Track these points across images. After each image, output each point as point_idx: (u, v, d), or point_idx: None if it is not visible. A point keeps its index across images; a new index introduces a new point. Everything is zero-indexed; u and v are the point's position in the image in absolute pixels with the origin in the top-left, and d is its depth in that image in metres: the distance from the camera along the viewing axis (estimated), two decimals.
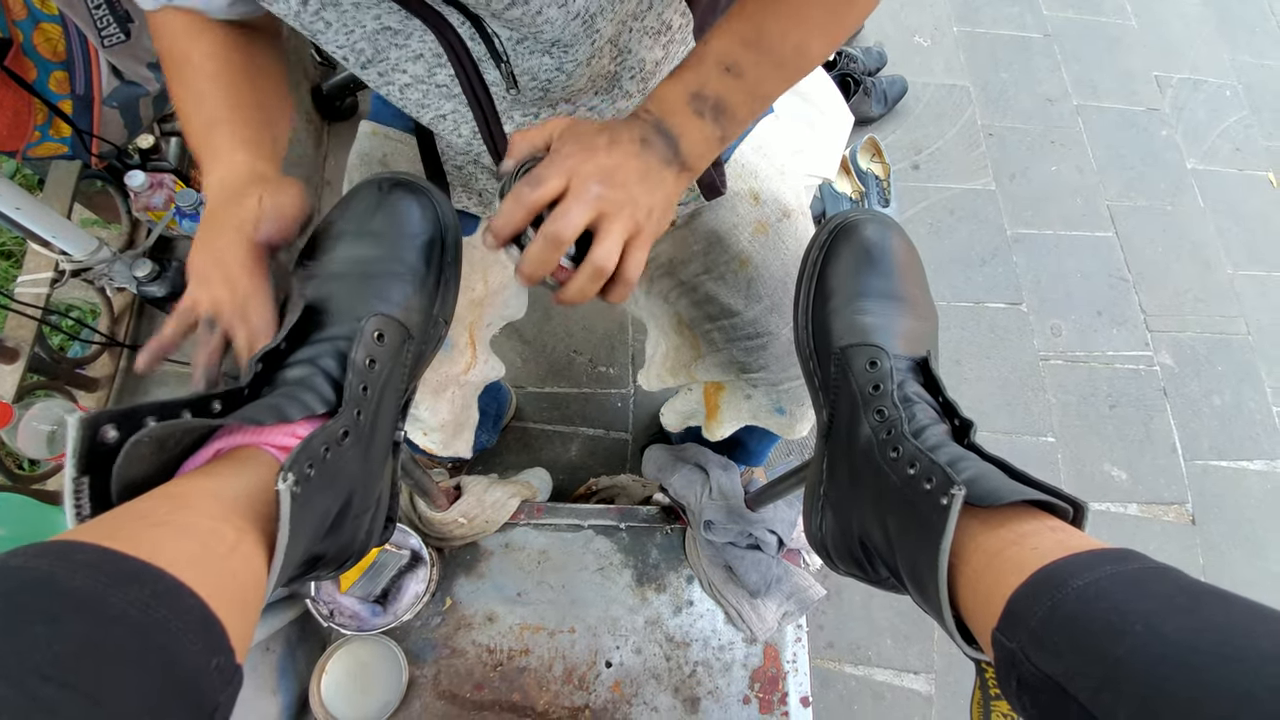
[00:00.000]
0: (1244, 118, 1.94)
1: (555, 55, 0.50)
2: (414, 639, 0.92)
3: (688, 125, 0.47)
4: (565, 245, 0.43)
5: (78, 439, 0.31)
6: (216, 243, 0.47)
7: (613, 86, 0.57)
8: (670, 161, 0.46)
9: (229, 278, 0.46)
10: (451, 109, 0.54)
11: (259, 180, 0.49)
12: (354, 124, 1.63)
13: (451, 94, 0.53)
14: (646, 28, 0.54)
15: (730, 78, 0.47)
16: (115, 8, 0.92)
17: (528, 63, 0.50)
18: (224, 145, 0.50)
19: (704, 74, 0.47)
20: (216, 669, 0.27)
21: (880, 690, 1.26)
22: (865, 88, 1.71)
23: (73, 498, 0.32)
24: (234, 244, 0.46)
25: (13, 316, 0.99)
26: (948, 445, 0.45)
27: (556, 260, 0.44)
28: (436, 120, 0.56)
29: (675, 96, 0.47)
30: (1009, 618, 0.33)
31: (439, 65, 0.51)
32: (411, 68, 0.51)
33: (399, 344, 0.45)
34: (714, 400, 0.79)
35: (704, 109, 0.47)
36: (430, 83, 0.52)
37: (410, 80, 0.52)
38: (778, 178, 0.72)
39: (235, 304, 0.46)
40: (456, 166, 0.65)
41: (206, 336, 0.47)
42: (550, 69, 0.51)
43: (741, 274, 0.69)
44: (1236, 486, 1.51)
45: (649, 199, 0.46)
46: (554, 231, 0.43)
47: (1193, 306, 1.68)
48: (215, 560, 0.30)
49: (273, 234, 0.47)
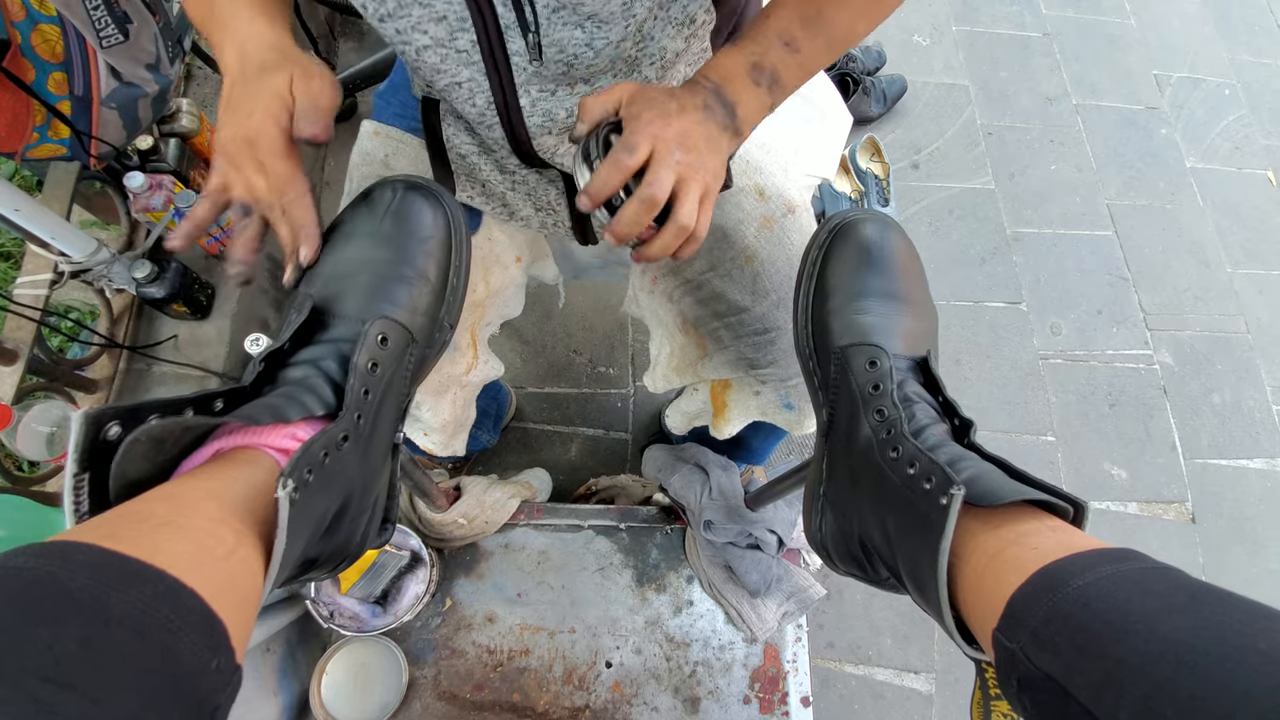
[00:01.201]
0: (1243, 116, 1.94)
1: (588, 30, 0.50)
2: (414, 640, 0.92)
3: (745, 93, 0.50)
4: (659, 207, 0.47)
5: (80, 434, 0.31)
6: (246, 124, 0.45)
7: (632, 71, 0.57)
8: (727, 127, 0.50)
9: (263, 165, 0.45)
10: (468, 76, 0.53)
11: (284, 57, 0.47)
12: (353, 124, 1.63)
13: (470, 61, 0.52)
14: (671, 18, 0.55)
15: (788, 52, 0.50)
16: (114, 9, 0.92)
17: (559, 34, 0.50)
18: (242, 10, 0.48)
19: (765, 46, 0.50)
20: (217, 669, 0.27)
21: (880, 690, 1.26)
22: (864, 87, 1.71)
23: (72, 494, 0.32)
24: (266, 127, 0.45)
25: (12, 318, 0.99)
26: (947, 445, 0.45)
27: (649, 220, 0.48)
28: (451, 88, 0.54)
29: (736, 65, 0.50)
30: (1009, 617, 0.33)
31: (461, 29, 0.49)
32: (433, 29, 0.50)
33: (402, 348, 0.45)
34: (721, 398, 0.79)
35: (761, 79, 0.50)
36: (450, 47, 0.51)
37: (430, 42, 0.50)
38: (781, 174, 0.72)
39: (273, 193, 0.45)
40: (460, 156, 0.65)
41: (241, 223, 0.46)
42: (580, 44, 0.51)
43: (747, 270, 0.69)
44: (1236, 485, 1.51)
45: (714, 161, 0.49)
46: (650, 195, 0.46)
47: (1192, 305, 1.68)
48: (214, 561, 0.30)
49: (310, 130, 0.46)
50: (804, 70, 0.52)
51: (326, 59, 1.60)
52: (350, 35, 1.74)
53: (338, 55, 1.70)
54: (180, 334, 1.15)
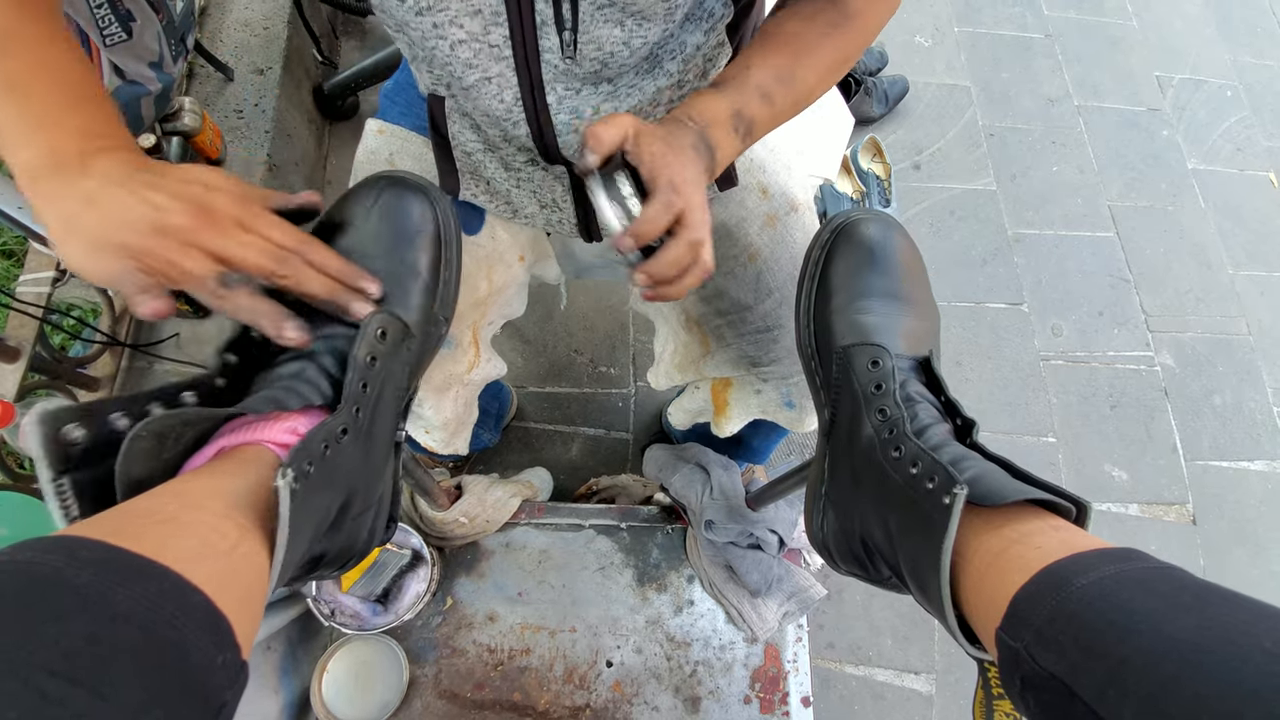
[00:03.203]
0: (1245, 118, 1.94)
1: (628, 28, 0.51)
2: (415, 638, 0.92)
3: (725, 139, 0.51)
4: (704, 247, 0.48)
5: (39, 438, 0.31)
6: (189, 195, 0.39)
7: (654, 66, 0.57)
8: (707, 168, 0.50)
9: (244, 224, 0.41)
10: (498, 72, 0.53)
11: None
12: (355, 123, 1.64)
13: (501, 56, 0.52)
14: (690, 13, 0.55)
15: (764, 105, 0.53)
16: (117, 7, 0.92)
17: (598, 31, 0.50)
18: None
19: (746, 96, 0.52)
20: (222, 665, 0.27)
21: (881, 690, 1.26)
22: (866, 88, 1.71)
23: (56, 499, 0.32)
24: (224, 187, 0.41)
25: (14, 315, 0.99)
26: (950, 445, 0.45)
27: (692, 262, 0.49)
28: (481, 83, 0.54)
29: (721, 110, 0.51)
30: (1013, 617, 0.33)
31: (495, 24, 0.49)
32: (468, 23, 0.49)
33: (398, 342, 0.45)
34: (722, 396, 0.79)
35: (740, 126, 0.52)
36: (484, 41, 0.51)
37: (465, 36, 0.50)
38: (785, 172, 0.72)
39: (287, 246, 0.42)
40: (466, 154, 0.65)
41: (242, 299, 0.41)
42: (618, 41, 0.51)
43: (750, 268, 0.69)
44: (1237, 487, 1.51)
45: (702, 199, 0.50)
46: (698, 239, 0.47)
47: (1194, 307, 1.68)
48: (218, 557, 0.30)
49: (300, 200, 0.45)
50: (774, 123, 0.55)
51: (328, 58, 1.60)
52: (352, 34, 1.74)
53: (340, 54, 1.70)
54: (182, 332, 1.15)
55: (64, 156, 0.39)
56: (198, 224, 0.39)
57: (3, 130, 0.39)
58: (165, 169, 0.41)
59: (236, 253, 0.40)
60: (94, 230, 0.38)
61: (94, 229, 0.38)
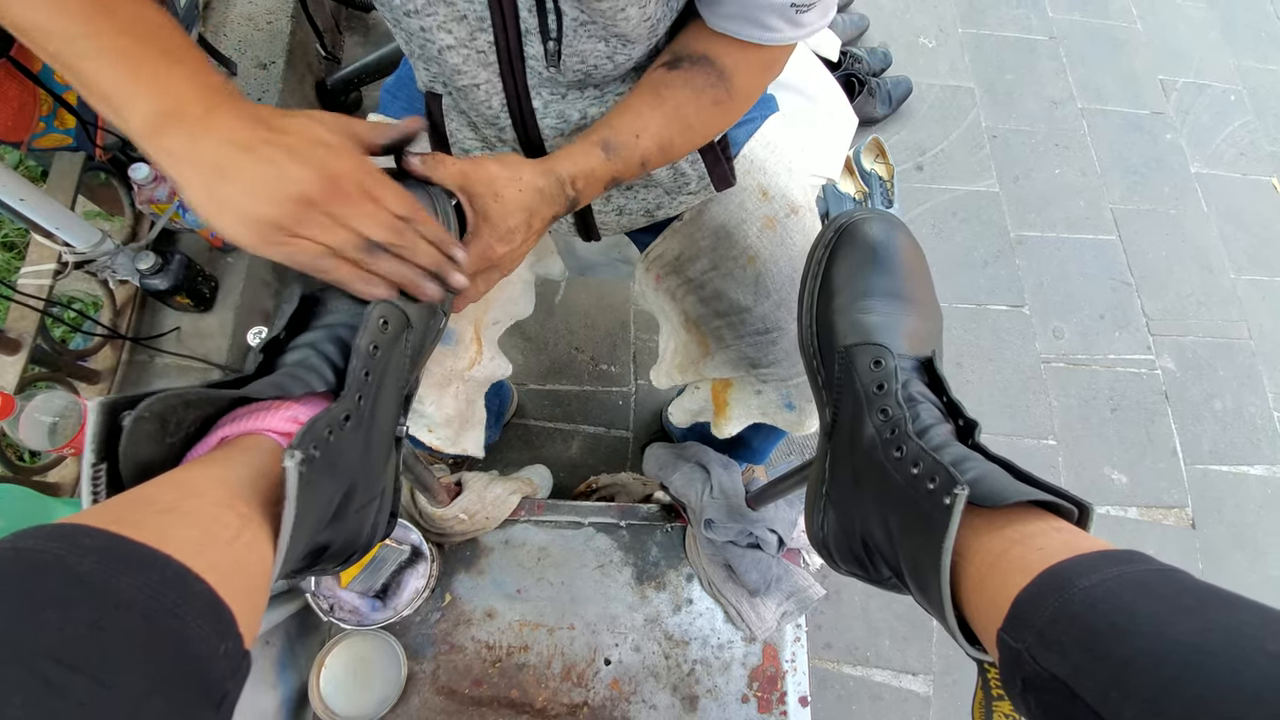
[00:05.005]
0: (1248, 122, 1.93)
1: (612, 45, 0.52)
2: (413, 634, 0.92)
3: (593, 193, 0.55)
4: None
5: (97, 424, 0.32)
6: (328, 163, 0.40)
7: (639, 72, 0.57)
8: (560, 209, 0.54)
9: (370, 194, 0.41)
10: (485, 78, 0.54)
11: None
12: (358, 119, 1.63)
13: (487, 62, 0.53)
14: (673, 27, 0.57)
15: (640, 169, 0.56)
16: None
17: (583, 45, 0.51)
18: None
19: (628, 164, 0.55)
20: (225, 654, 0.27)
21: (878, 691, 1.27)
22: (870, 88, 1.71)
23: (90, 484, 0.32)
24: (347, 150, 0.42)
25: (15, 308, 0.99)
26: (952, 445, 0.45)
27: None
28: (470, 89, 0.55)
29: (602, 176, 0.54)
30: (1015, 618, 0.33)
31: (480, 30, 0.50)
32: (456, 28, 0.50)
33: (399, 332, 0.45)
34: (722, 397, 0.79)
35: (612, 185, 0.56)
36: (471, 47, 0.51)
37: (453, 42, 0.51)
38: (785, 174, 0.72)
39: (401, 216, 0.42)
40: (464, 151, 0.65)
41: (384, 264, 0.42)
42: (601, 56, 0.52)
43: (749, 270, 0.69)
44: (1237, 491, 1.51)
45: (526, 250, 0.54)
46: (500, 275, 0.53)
47: (1195, 311, 1.68)
48: (221, 546, 0.30)
49: (398, 131, 0.46)
50: (638, 178, 0.60)
51: (331, 53, 1.60)
52: (355, 29, 1.73)
53: (343, 49, 1.70)
54: (183, 326, 1.15)
55: (186, 110, 0.39)
56: (328, 195, 0.40)
57: (113, 89, 0.38)
58: (283, 124, 0.40)
59: (365, 225, 0.41)
60: (237, 205, 0.39)
61: (236, 204, 0.39)
